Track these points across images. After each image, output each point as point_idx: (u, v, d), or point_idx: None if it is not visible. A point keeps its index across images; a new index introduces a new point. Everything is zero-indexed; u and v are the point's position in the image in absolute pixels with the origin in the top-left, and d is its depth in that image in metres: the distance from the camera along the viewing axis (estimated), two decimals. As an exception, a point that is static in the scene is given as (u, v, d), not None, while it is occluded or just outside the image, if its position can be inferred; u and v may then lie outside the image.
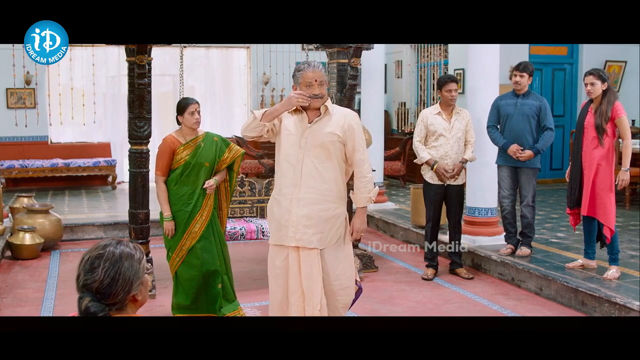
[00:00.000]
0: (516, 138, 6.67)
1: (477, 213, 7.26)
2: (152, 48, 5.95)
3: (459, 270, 6.83)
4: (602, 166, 5.92)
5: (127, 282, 2.18)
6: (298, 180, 4.12)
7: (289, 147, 4.17)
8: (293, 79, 4.21)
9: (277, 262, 4.22)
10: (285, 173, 4.18)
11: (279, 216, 4.19)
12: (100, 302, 2.15)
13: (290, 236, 4.14)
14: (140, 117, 6.03)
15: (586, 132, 6.02)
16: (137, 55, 5.74)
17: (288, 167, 4.17)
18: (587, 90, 6.01)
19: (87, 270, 2.17)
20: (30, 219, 7.83)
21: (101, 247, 2.22)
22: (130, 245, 2.27)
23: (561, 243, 7.41)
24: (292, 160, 4.15)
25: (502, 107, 6.78)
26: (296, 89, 4.14)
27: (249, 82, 13.69)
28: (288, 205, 4.15)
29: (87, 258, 2.20)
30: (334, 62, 6.81)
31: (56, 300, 6.05)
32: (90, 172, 11.96)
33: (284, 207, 4.16)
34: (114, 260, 2.18)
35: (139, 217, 6.13)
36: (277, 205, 4.22)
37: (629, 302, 5.32)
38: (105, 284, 2.15)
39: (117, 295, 2.17)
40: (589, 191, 5.97)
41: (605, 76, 5.98)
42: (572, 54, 12.26)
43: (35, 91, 12.01)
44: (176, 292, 5.29)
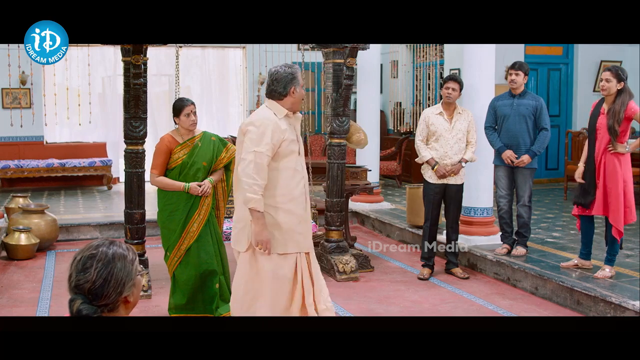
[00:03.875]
0: (513, 138, 6.68)
1: (473, 213, 7.27)
2: (148, 48, 5.95)
3: (455, 270, 6.84)
4: (614, 168, 5.86)
5: (120, 283, 2.17)
6: (306, 187, 4.19)
7: (291, 153, 4.15)
8: (293, 82, 4.17)
9: (286, 272, 4.13)
10: (293, 179, 4.16)
11: (292, 225, 4.13)
12: (92, 304, 2.14)
13: (308, 243, 4.18)
14: (136, 117, 6.03)
15: (599, 133, 5.95)
16: (133, 55, 5.74)
17: (295, 173, 4.16)
18: (600, 85, 5.95)
19: (79, 270, 2.16)
20: (26, 219, 7.81)
21: (94, 247, 2.20)
22: (123, 246, 2.26)
23: (557, 243, 7.42)
24: (298, 167, 4.19)
25: (498, 107, 6.79)
26: (295, 91, 4.16)
27: (245, 82, 13.68)
28: (303, 213, 4.18)
29: (79, 258, 2.19)
30: (330, 62, 6.82)
31: (52, 301, 6.04)
32: (86, 172, 11.94)
33: (298, 215, 4.15)
34: (106, 261, 2.17)
35: (134, 217, 6.13)
36: (287, 213, 4.13)
37: (624, 301, 5.33)
38: (97, 285, 2.14)
39: (109, 296, 2.16)
40: (602, 193, 5.94)
41: (624, 76, 5.83)
42: (568, 54, 12.29)
43: (30, 91, 11.99)
44: (173, 292, 5.29)
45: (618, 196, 5.85)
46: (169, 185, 5.19)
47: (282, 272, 4.13)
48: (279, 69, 4.20)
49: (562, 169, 11.55)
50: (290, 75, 4.17)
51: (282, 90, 4.15)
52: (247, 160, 4.00)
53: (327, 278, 6.75)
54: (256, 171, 3.97)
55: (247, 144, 4.04)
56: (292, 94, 4.17)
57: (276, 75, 4.18)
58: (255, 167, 3.97)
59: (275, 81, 4.17)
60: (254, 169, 3.97)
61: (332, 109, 6.91)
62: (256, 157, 3.98)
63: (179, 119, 5.20)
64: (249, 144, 4.03)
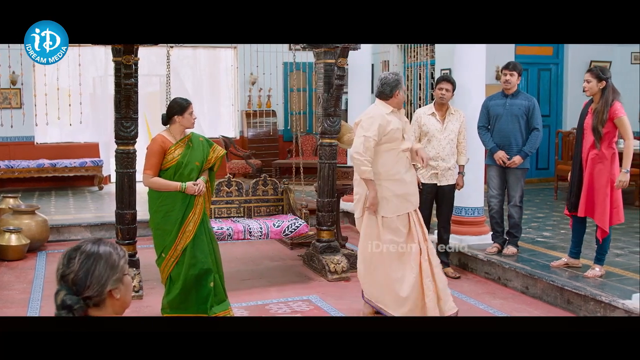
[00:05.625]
0: (505, 138, 6.70)
1: (463, 212, 7.28)
2: (139, 48, 5.94)
3: (446, 269, 6.83)
4: (598, 168, 5.87)
5: (103, 275, 2.20)
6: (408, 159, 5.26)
7: (396, 139, 5.18)
8: (397, 87, 5.17)
9: (401, 231, 5.18)
10: (403, 159, 5.22)
11: (405, 189, 5.21)
12: (75, 295, 2.17)
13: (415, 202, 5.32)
14: (127, 117, 6.02)
15: (585, 133, 5.97)
16: (124, 55, 5.73)
17: (402, 155, 5.21)
18: (583, 87, 5.98)
19: (65, 263, 2.21)
20: (16, 219, 7.79)
21: (81, 243, 2.27)
22: (112, 244, 2.30)
23: (547, 242, 7.45)
24: (402, 147, 5.22)
25: (491, 107, 6.81)
26: (399, 94, 5.20)
27: (236, 82, 13.67)
28: (410, 179, 5.27)
29: (66, 252, 2.25)
30: (321, 62, 6.83)
31: (42, 301, 6.02)
32: (77, 173, 11.91)
33: (409, 181, 5.24)
34: (90, 253, 2.21)
35: (125, 217, 6.12)
36: (400, 181, 5.19)
37: (614, 300, 5.36)
38: (80, 276, 2.18)
39: (92, 288, 2.18)
40: (586, 193, 5.96)
41: (604, 75, 5.86)
42: (558, 54, 12.33)
43: (21, 91, 11.95)
44: (168, 292, 5.27)
45: (605, 196, 5.84)
46: (164, 185, 5.18)
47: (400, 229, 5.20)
48: (387, 75, 5.26)
49: (552, 168, 11.59)
50: (396, 81, 5.18)
51: (389, 92, 5.19)
52: (357, 143, 5.10)
53: (317, 278, 6.78)
54: (364, 150, 5.04)
55: (358, 131, 5.15)
56: (396, 96, 5.21)
57: (385, 80, 5.21)
58: (363, 147, 5.05)
59: (384, 85, 5.20)
60: (362, 149, 5.04)
61: (323, 109, 6.92)
62: (365, 141, 5.06)
63: (183, 117, 5.20)
64: (360, 130, 5.13)
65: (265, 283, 6.66)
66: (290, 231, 6.72)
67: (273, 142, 13.64)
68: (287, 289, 6.45)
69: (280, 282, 6.67)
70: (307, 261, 7.25)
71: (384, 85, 5.19)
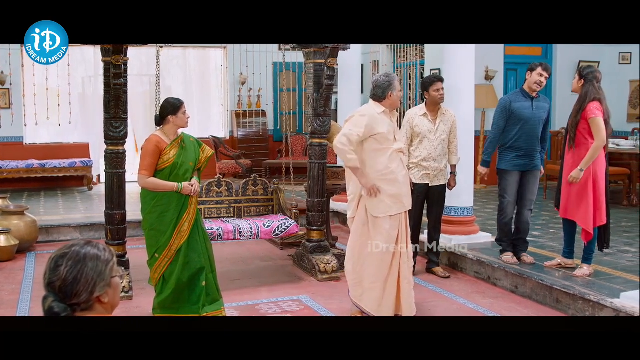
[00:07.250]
0: (531, 143, 6.42)
1: (453, 212, 7.30)
2: (129, 48, 5.92)
3: (436, 269, 6.87)
4: (572, 168, 5.89)
5: (90, 282, 2.18)
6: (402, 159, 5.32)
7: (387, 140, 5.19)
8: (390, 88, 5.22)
9: (392, 232, 5.19)
10: (397, 159, 5.22)
11: (397, 190, 5.19)
12: (63, 302, 2.15)
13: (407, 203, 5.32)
14: (116, 117, 6.01)
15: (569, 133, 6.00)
16: (113, 56, 5.71)
17: (396, 155, 5.22)
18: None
19: (51, 268, 2.18)
20: (5, 220, 7.75)
21: (67, 247, 2.23)
22: (99, 246, 2.27)
23: (536, 242, 7.47)
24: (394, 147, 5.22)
25: (516, 110, 6.40)
26: (392, 95, 5.22)
27: (226, 83, 13.66)
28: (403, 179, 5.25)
29: (53, 257, 2.22)
30: (311, 62, 6.83)
31: (32, 302, 6.00)
32: (66, 173, 11.86)
33: (402, 181, 5.22)
34: (77, 259, 2.18)
35: (115, 218, 6.11)
36: (393, 181, 5.17)
37: (602, 299, 5.39)
38: (67, 283, 2.15)
39: (80, 295, 2.16)
40: (565, 194, 5.99)
41: (583, 72, 5.87)
42: (547, 54, 12.38)
43: (9, 91, 11.89)
44: (160, 292, 5.26)
45: (585, 197, 5.84)
46: (160, 186, 5.16)
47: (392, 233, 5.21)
48: (379, 77, 5.31)
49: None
50: (387, 83, 5.22)
51: (381, 94, 5.23)
52: (341, 134, 5.14)
53: (308, 278, 6.78)
54: (347, 141, 5.05)
55: (347, 125, 5.20)
56: (389, 97, 5.24)
57: (377, 83, 5.27)
58: (347, 138, 5.06)
59: (376, 87, 5.25)
60: (345, 140, 5.05)
61: (313, 109, 6.93)
62: (349, 134, 5.08)
63: (176, 116, 5.20)
64: (348, 125, 5.18)
65: (256, 283, 6.66)
66: (280, 231, 6.72)
67: (263, 142, 13.63)
68: (278, 289, 6.45)
69: (270, 282, 6.67)
70: (298, 261, 7.26)
71: (376, 88, 5.26)
